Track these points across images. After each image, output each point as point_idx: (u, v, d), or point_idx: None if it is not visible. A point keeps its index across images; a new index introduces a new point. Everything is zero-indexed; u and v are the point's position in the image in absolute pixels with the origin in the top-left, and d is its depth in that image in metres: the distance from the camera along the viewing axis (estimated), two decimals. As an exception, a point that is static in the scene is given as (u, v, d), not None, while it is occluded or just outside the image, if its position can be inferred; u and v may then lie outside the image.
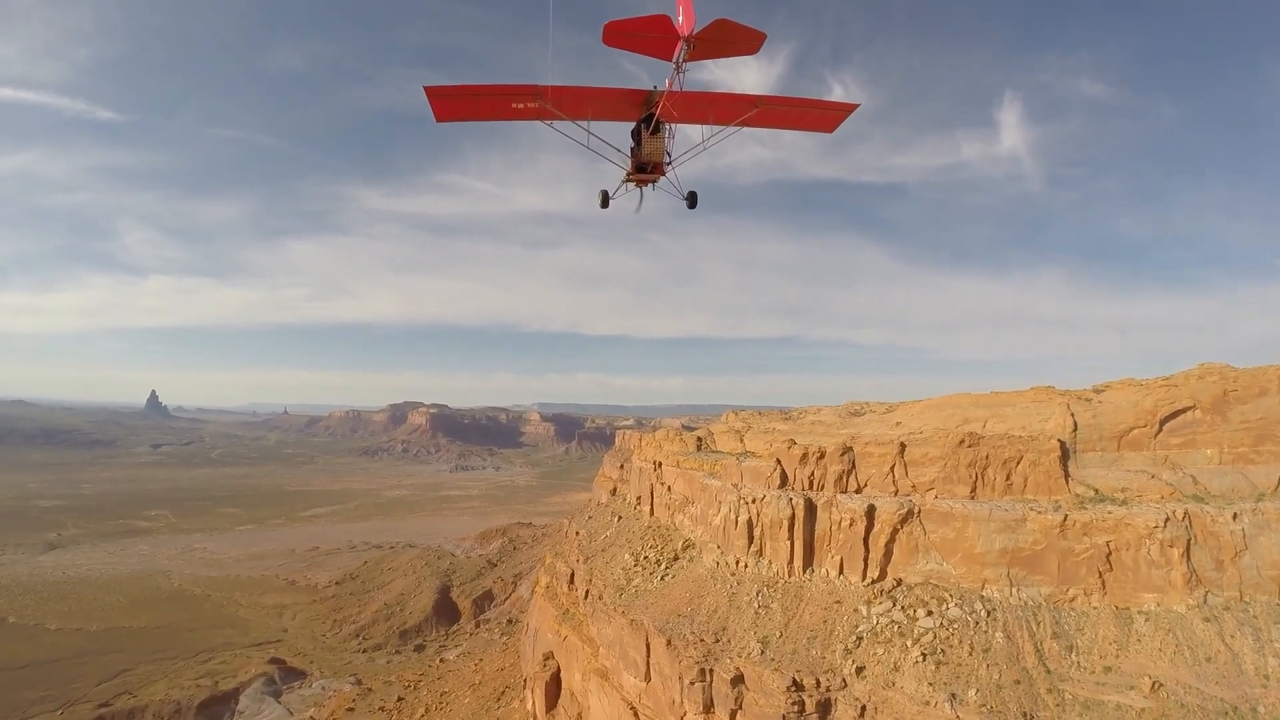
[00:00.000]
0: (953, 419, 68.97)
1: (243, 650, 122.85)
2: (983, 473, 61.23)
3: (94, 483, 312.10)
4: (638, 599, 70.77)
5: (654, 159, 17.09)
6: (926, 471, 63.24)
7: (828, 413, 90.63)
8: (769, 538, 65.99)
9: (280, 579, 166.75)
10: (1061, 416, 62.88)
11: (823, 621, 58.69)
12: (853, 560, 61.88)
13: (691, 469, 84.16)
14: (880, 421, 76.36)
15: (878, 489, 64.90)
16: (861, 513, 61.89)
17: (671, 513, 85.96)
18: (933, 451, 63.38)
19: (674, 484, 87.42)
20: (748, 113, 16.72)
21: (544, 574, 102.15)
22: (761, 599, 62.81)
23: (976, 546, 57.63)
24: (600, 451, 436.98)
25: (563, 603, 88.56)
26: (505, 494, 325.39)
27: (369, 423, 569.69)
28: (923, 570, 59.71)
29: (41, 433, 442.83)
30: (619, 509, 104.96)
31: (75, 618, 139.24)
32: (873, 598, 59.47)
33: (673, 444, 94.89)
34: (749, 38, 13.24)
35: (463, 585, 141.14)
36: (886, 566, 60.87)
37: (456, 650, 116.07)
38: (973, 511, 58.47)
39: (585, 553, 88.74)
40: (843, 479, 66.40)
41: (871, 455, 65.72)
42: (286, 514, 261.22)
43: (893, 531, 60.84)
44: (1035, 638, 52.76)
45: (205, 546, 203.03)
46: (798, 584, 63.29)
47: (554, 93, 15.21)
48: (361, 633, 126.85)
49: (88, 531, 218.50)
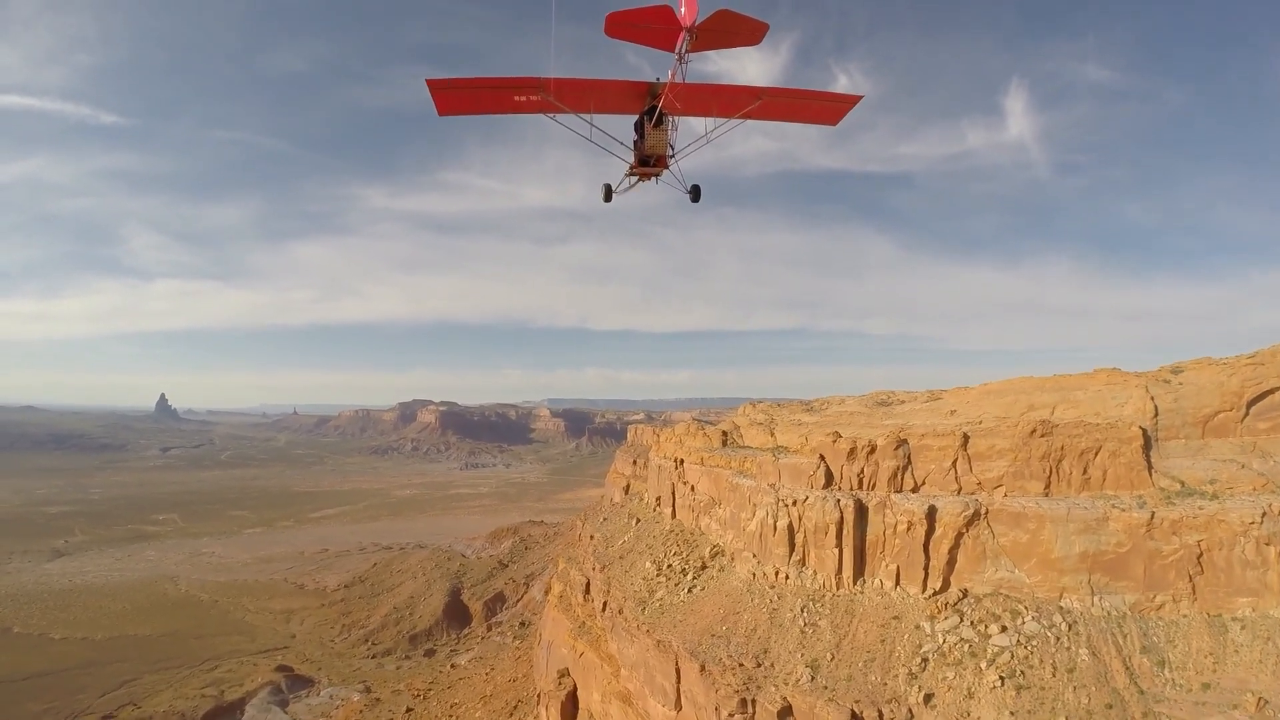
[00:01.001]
0: (1016, 406, 61.60)
1: (250, 658, 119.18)
2: (1057, 466, 54.28)
3: (103, 487, 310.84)
4: (663, 615, 64.64)
5: (657, 152, 16.84)
6: (994, 466, 56.11)
7: (853, 403, 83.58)
8: (813, 545, 59.29)
9: (288, 583, 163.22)
10: (1140, 401, 56.18)
11: (880, 641, 52.03)
12: (911, 569, 55.14)
13: (718, 467, 77.40)
14: (930, 410, 69.29)
15: (937, 487, 57.71)
16: (921, 515, 54.93)
17: (696, 515, 79.55)
18: (1000, 443, 56.07)
19: (698, 484, 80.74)
20: (751, 105, 16.44)
21: (557, 581, 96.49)
22: (808, 615, 56.12)
23: (1054, 551, 51.15)
24: (611, 447, 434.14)
25: (578, 614, 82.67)
26: (516, 491, 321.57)
27: (378, 422, 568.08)
28: (991, 579, 53.01)
29: (51, 438, 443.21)
30: (636, 510, 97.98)
31: (80, 626, 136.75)
32: (936, 612, 52.82)
33: (695, 439, 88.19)
34: (751, 28, 12.99)
35: (474, 587, 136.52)
36: (950, 576, 54.22)
37: (468, 655, 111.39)
38: (1049, 511, 51.75)
39: (601, 560, 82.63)
40: (897, 476, 59.21)
41: (929, 449, 58.48)
42: (296, 516, 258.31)
43: (957, 536, 54.01)
44: (1123, 653, 46.81)
45: (213, 550, 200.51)
46: (848, 597, 56.61)
47: (556, 85, 15.02)
48: (371, 638, 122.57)
49: (95, 537, 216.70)
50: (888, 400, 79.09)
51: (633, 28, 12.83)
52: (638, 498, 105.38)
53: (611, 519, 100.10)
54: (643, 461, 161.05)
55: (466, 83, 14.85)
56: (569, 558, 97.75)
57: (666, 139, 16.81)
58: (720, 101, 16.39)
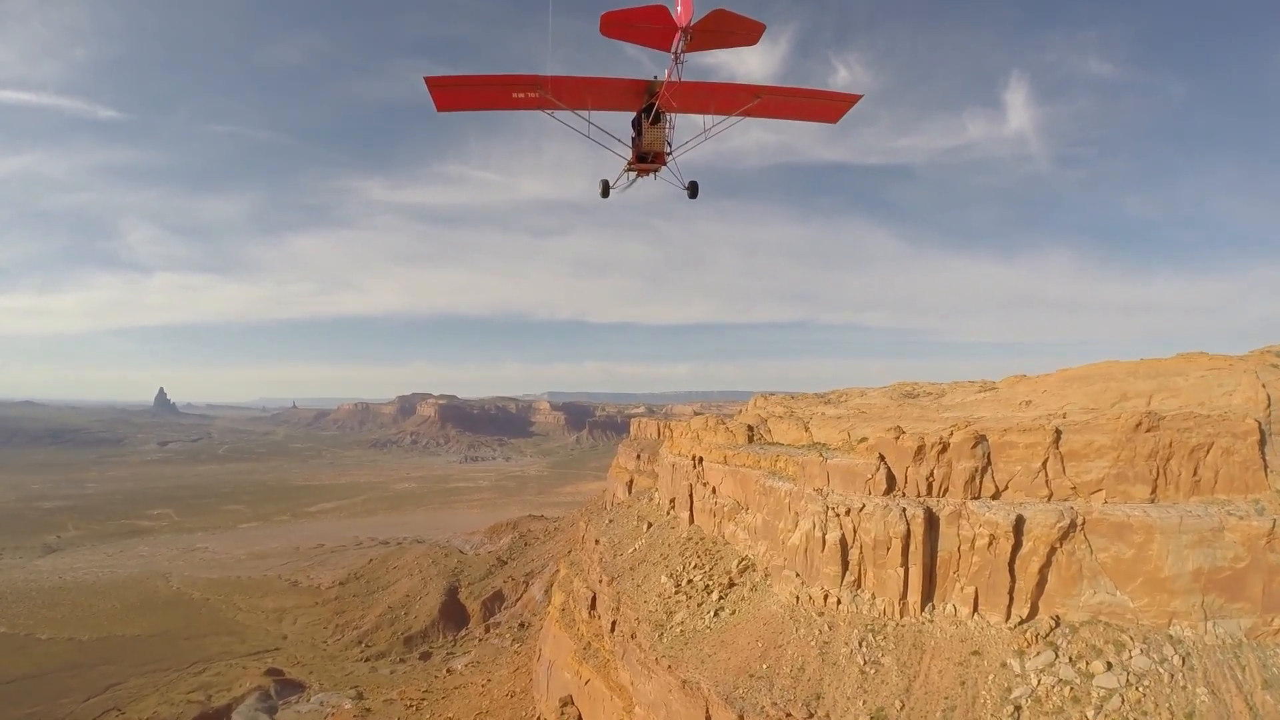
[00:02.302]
0: (1106, 395, 52.31)
1: (239, 660, 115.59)
2: (1164, 466, 46.11)
3: (98, 482, 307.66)
4: (686, 645, 55.59)
5: (654, 148, 16.91)
6: (1092, 467, 47.24)
7: (877, 395, 76.87)
8: (872, 563, 50.26)
9: (282, 580, 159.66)
10: (1250, 389, 48.23)
11: (960, 683, 43.75)
12: (993, 593, 46.74)
13: (745, 467, 69.01)
14: (995, 402, 59.75)
15: (1023, 493, 48.69)
16: (1007, 527, 46.04)
17: (719, 521, 71.28)
18: (1100, 439, 47.17)
19: (720, 485, 72.58)
20: (749, 103, 16.43)
21: (558, 590, 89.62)
22: (868, 650, 47.40)
23: (1163, 568, 43.35)
24: (611, 440, 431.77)
25: (582, 633, 75.17)
26: (516, 485, 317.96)
27: (378, 415, 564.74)
28: (1089, 604, 44.77)
29: (48, 433, 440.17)
30: (646, 512, 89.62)
31: (68, 626, 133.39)
32: (1025, 645, 44.62)
33: (715, 434, 79.89)
34: (748, 29, 12.91)
35: (471, 585, 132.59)
36: (1038, 600, 45.94)
37: (465, 658, 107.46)
38: (1158, 520, 43.72)
39: (609, 571, 74.76)
40: (974, 480, 49.78)
41: (1013, 447, 49.20)
42: (292, 510, 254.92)
43: (1049, 552, 45.42)
44: (1244, 690, 39.77)
45: (207, 546, 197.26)
46: (915, 627, 47.93)
47: (554, 83, 15.08)
48: (364, 639, 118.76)
49: (88, 533, 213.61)
50: (913, 392, 72.33)
51: (628, 27, 12.72)
52: (646, 497, 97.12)
53: (618, 521, 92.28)
54: (647, 456, 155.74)
55: (465, 80, 14.90)
56: (570, 562, 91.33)
57: (664, 136, 16.80)
58: (718, 100, 16.36)
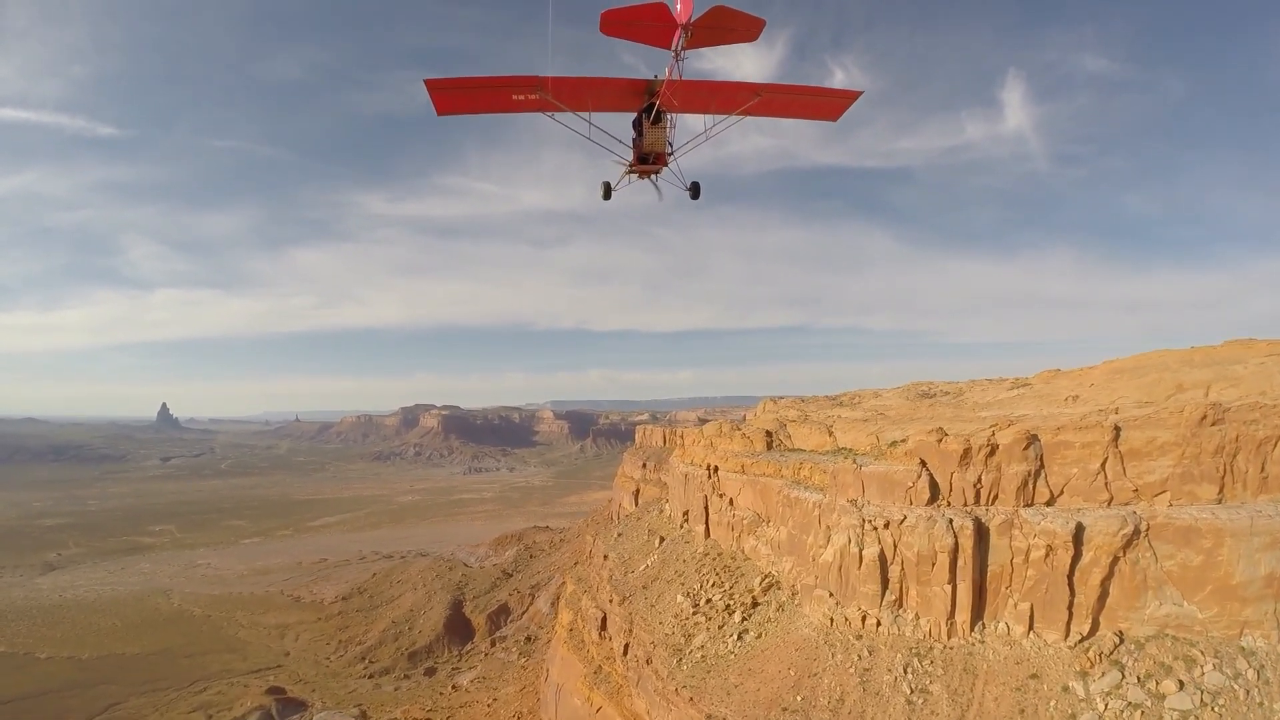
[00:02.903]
0: (1160, 387, 48.46)
1: (240, 678, 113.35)
2: (1231, 463, 42.63)
3: (100, 499, 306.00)
4: (709, 673, 51.03)
5: (656, 149, 16.86)
6: (1155, 466, 43.34)
7: (892, 396, 73.98)
8: (915, 580, 46.09)
9: (284, 595, 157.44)
10: None
11: (1019, 711, 40.07)
12: (1050, 609, 42.93)
13: (766, 476, 65.13)
14: (1037, 398, 55.01)
15: (1080, 497, 44.67)
16: (1066, 536, 42.20)
17: (738, 535, 67.24)
18: (1163, 435, 43.31)
19: (738, 496, 68.75)
20: (749, 102, 16.29)
21: (565, 608, 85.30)
22: (914, 677, 43.23)
23: (1235, 574, 40.01)
24: (615, 448, 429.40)
25: (592, 655, 70.85)
26: (520, 495, 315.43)
27: (380, 427, 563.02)
28: (1154, 617, 41.14)
29: (50, 450, 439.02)
30: (657, 525, 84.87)
31: (67, 645, 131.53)
32: (1088, 666, 40.75)
33: (730, 441, 75.13)
34: (748, 24, 12.85)
35: (476, 599, 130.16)
36: (1099, 615, 42.31)
37: (470, 674, 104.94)
38: (1227, 522, 40.34)
39: (620, 589, 70.48)
40: (1027, 485, 45.73)
41: (1069, 447, 45.07)
42: (295, 524, 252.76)
43: (1112, 561, 41.70)
44: None
45: (208, 562, 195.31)
46: (965, 650, 43.98)
47: (554, 84, 14.98)
48: (368, 655, 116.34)
49: (89, 550, 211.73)
50: (930, 392, 69.50)
51: (628, 25, 12.62)
52: (656, 509, 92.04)
53: (628, 535, 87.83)
54: (653, 465, 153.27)
55: (465, 82, 14.79)
56: (578, 578, 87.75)
57: (665, 136, 16.70)
58: (718, 99, 16.27)
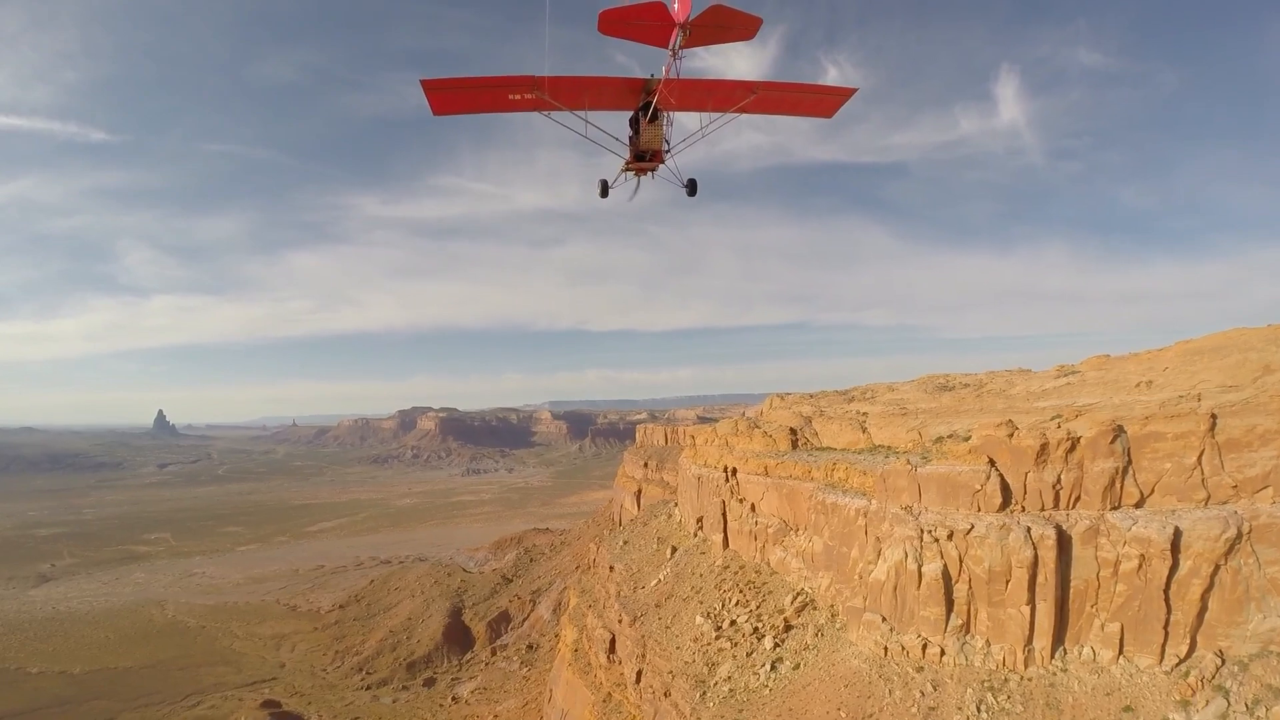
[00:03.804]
0: (1245, 368, 42.84)
1: (235, 691, 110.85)
2: None
3: (96, 507, 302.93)
4: (741, 711, 44.68)
5: (652, 147, 16.88)
6: (1255, 458, 37.24)
7: (908, 389, 68.55)
8: (986, 601, 39.47)
9: (280, 604, 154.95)
10: None
11: None
12: (1143, 629, 36.80)
13: (794, 479, 58.19)
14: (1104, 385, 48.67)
15: (1174, 496, 38.42)
16: (1162, 543, 36.08)
17: (762, 546, 60.65)
18: (1265, 422, 37.26)
19: (761, 501, 62.51)
20: (745, 99, 16.37)
21: (569, 625, 78.96)
22: (989, 717, 37.06)
23: None
24: (614, 448, 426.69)
25: (600, 681, 65.05)
26: (519, 497, 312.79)
27: (378, 430, 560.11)
28: (1257, 632, 35.26)
29: (47, 458, 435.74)
30: (666, 532, 78.13)
31: (60, 659, 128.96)
32: (1189, 693, 35.08)
33: (750, 440, 68.41)
34: (745, 23, 12.84)
35: (475, 606, 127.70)
36: (1197, 633, 36.67)
37: (471, 684, 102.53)
38: None
39: (630, 608, 64.11)
40: (1114, 485, 39.20)
41: (1159, 439, 38.59)
42: (292, 530, 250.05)
43: (1213, 570, 35.74)
44: None
45: (204, 571, 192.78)
46: (1046, 681, 37.73)
47: (551, 83, 15.01)
48: (365, 666, 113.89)
49: (84, 560, 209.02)
50: (948, 384, 65.35)
51: (626, 24, 12.61)
52: (664, 514, 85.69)
53: (634, 543, 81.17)
54: (656, 464, 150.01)
55: (461, 82, 14.77)
56: (582, 590, 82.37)
57: (662, 134, 16.68)
58: (715, 96, 16.27)
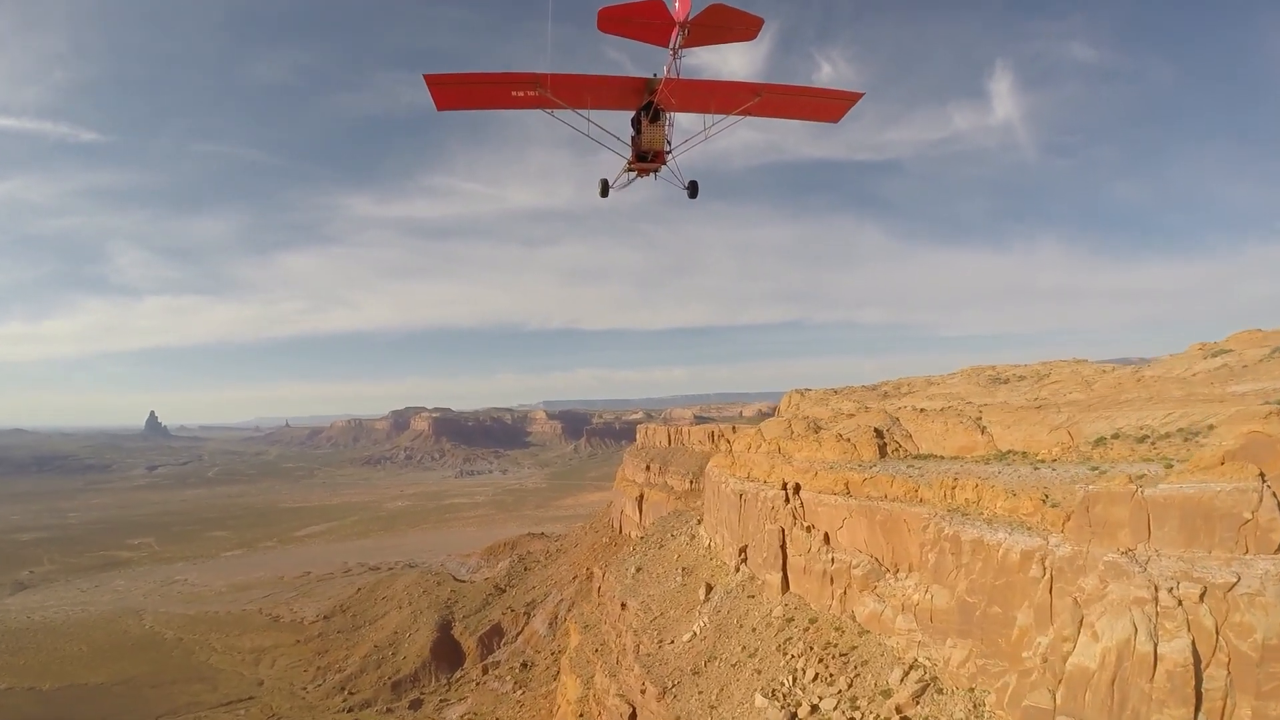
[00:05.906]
0: None
1: (209, 712, 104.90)
2: None
3: (81, 511, 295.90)
4: None
5: (654, 147, 16.71)
6: None
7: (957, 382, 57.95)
8: (1253, 693, 25.30)
9: (263, 614, 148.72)
10: None
11: None
12: None
13: (895, 500, 42.61)
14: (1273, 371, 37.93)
15: None
16: None
17: (842, 592, 44.97)
18: None
19: (840, 530, 46.72)
20: (749, 102, 16.06)
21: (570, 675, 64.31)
22: None
23: None
24: (610, 448, 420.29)
25: None
26: (513, 499, 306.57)
27: (371, 431, 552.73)
28: None
29: (34, 460, 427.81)
30: (692, 560, 62.03)
31: (29, 674, 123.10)
32: None
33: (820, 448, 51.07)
34: (746, 23, 12.61)
35: (466, 619, 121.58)
36: None
37: (460, 706, 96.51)
38: None
39: (655, 672, 49.56)
40: None
41: None
42: (280, 535, 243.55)
43: None
44: None
45: (186, 578, 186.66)
46: None
47: (554, 81, 14.90)
48: (348, 685, 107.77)
49: (64, 566, 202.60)
50: (1001, 376, 57.21)
51: (625, 23, 12.37)
52: (684, 533, 70.17)
53: (649, 570, 65.58)
54: (658, 467, 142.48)
55: (464, 78, 14.58)
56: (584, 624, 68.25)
57: (663, 135, 16.38)
58: (717, 98, 15.99)
